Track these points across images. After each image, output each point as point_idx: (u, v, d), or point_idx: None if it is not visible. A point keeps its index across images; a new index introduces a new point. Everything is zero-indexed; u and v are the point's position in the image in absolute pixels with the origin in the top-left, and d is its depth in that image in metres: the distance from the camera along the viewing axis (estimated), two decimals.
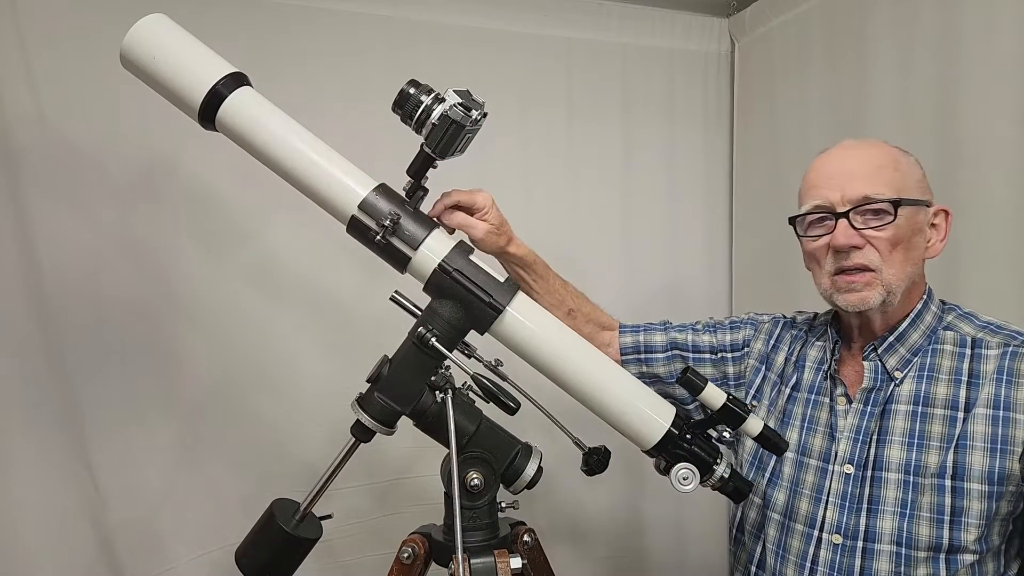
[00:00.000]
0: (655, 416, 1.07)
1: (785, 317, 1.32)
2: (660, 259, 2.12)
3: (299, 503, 1.04)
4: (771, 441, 1.05)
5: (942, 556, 1.02)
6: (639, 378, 1.29)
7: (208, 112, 1.00)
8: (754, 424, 1.04)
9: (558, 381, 1.07)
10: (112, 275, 1.55)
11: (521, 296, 1.06)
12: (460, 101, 0.96)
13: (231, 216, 1.67)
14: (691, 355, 1.32)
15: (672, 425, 1.07)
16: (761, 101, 2.11)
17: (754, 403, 1.25)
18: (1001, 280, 1.45)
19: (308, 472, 1.31)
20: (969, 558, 1.01)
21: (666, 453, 1.07)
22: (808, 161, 1.78)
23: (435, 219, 1.07)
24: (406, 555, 1.07)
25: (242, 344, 1.69)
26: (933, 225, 1.09)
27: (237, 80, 1.01)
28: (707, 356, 1.32)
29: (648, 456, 1.12)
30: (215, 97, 0.99)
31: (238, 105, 1.00)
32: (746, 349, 1.31)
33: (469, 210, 1.11)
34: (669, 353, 1.33)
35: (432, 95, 0.97)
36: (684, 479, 1.06)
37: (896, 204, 1.03)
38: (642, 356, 1.34)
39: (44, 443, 1.47)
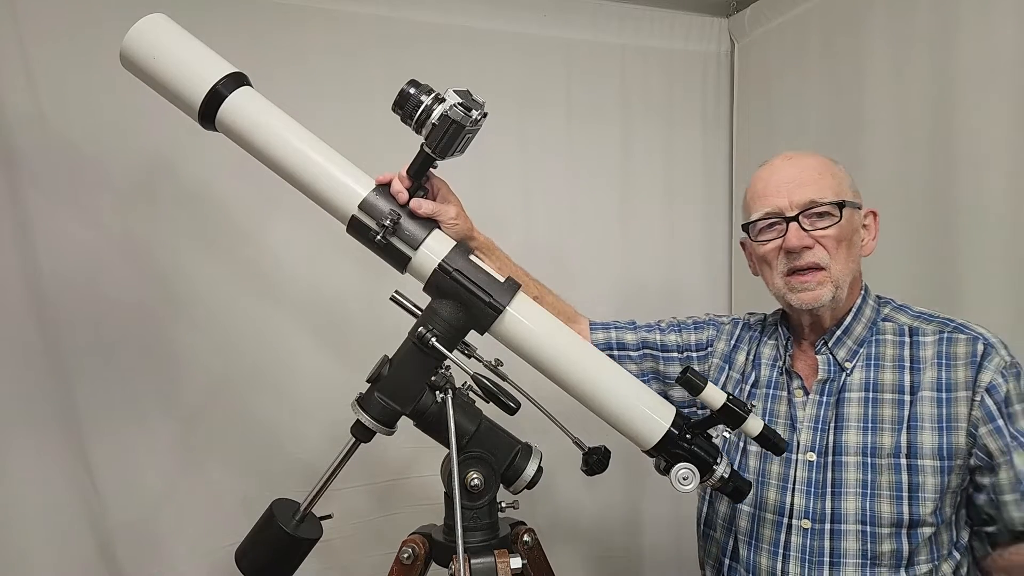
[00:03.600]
0: (655, 416, 1.07)
1: (742, 319, 1.39)
2: (659, 259, 2.12)
3: (299, 503, 1.03)
4: (771, 441, 1.05)
5: (904, 531, 1.09)
6: None
7: (208, 112, 1.00)
8: (754, 424, 1.04)
9: (558, 381, 1.07)
10: (112, 275, 1.55)
11: (521, 296, 1.06)
12: (460, 101, 0.96)
13: (231, 216, 1.67)
14: (661, 354, 1.37)
15: (672, 425, 1.07)
16: (760, 101, 2.11)
17: (754, 403, 1.26)
18: (998, 279, 1.45)
19: (308, 472, 1.31)
20: (927, 531, 1.09)
21: (666, 453, 1.07)
22: None
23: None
24: (406, 555, 1.07)
25: (242, 344, 1.69)
26: (865, 226, 1.19)
27: (237, 80, 1.01)
28: (675, 355, 1.37)
29: (648, 456, 1.12)
30: (215, 97, 0.99)
31: (238, 105, 1.00)
32: (709, 349, 1.37)
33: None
34: (641, 352, 1.37)
35: (432, 95, 0.97)
36: (684, 479, 1.06)
37: (840, 206, 1.13)
38: (615, 353, 1.36)
39: (43, 443, 1.47)
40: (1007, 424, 1.07)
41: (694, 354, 1.37)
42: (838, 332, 1.18)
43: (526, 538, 1.11)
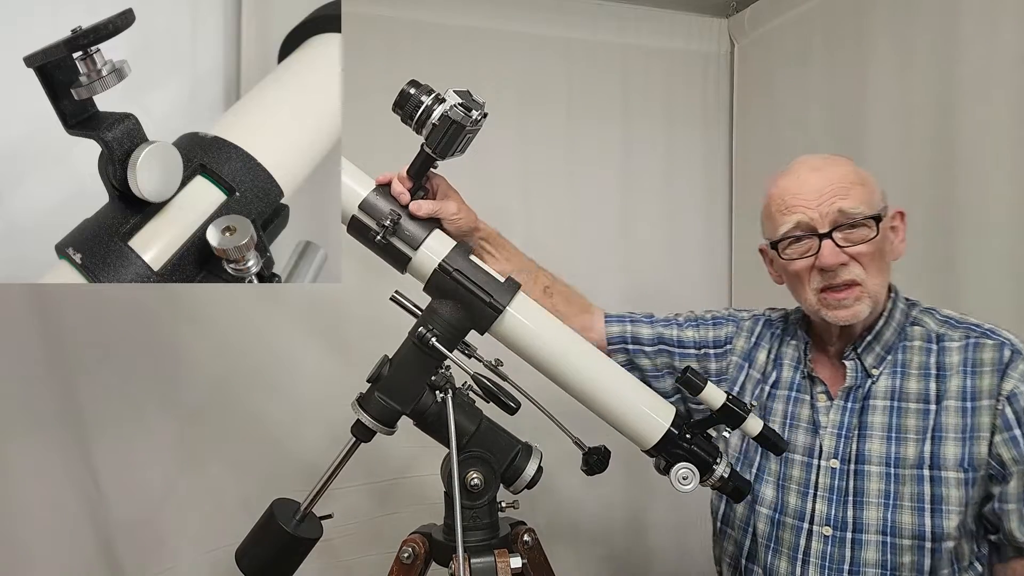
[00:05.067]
0: (655, 416, 1.07)
1: (763, 315, 1.34)
2: (659, 259, 2.12)
3: (299, 503, 1.03)
4: (770, 441, 1.05)
5: (927, 545, 1.06)
6: (623, 367, 1.27)
7: None
8: (754, 424, 1.04)
9: (558, 381, 1.07)
10: None
11: (521, 296, 1.06)
12: (460, 101, 0.96)
13: None
14: (677, 350, 1.32)
15: (672, 425, 1.07)
16: (760, 101, 2.11)
17: (754, 403, 1.25)
18: (1000, 279, 1.45)
19: (308, 472, 1.30)
20: (950, 544, 1.06)
21: (666, 453, 1.07)
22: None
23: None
24: (406, 555, 1.07)
25: (242, 344, 1.69)
26: (892, 227, 1.14)
27: None
28: (692, 351, 1.33)
29: (648, 456, 1.12)
30: None
31: None
32: (728, 346, 1.32)
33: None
34: (657, 347, 1.33)
35: (432, 95, 0.97)
36: (684, 479, 1.06)
37: (877, 220, 1.08)
38: (629, 347, 1.32)
39: (44, 443, 1.46)
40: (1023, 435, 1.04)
41: (711, 351, 1.32)
42: (869, 338, 1.14)
43: (526, 538, 1.11)
